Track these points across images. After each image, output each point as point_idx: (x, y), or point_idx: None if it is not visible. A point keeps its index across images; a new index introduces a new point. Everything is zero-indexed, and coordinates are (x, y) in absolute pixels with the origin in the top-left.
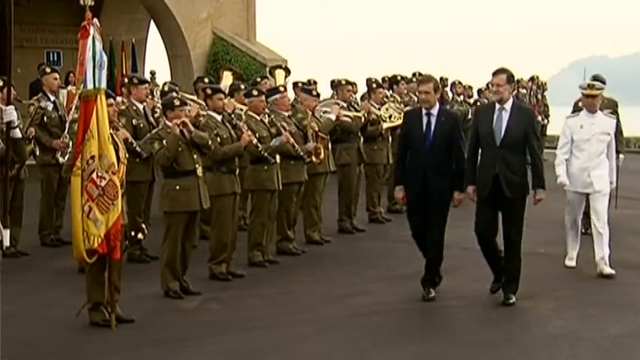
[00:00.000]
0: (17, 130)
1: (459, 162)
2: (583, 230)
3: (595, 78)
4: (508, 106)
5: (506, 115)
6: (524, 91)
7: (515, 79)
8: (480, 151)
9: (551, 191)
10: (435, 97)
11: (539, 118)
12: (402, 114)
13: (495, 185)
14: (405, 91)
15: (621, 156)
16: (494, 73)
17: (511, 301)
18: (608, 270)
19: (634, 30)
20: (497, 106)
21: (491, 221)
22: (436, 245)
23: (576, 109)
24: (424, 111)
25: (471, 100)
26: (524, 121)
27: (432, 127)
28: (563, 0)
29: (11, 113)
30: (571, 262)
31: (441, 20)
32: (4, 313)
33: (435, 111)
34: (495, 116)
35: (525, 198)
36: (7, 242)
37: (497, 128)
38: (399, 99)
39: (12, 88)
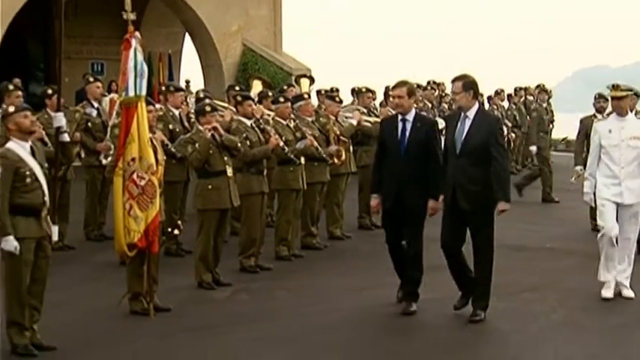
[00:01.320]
0: (65, 134)
1: (435, 169)
2: None
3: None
4: (471, 114)
5: (468, 124)
6: (531, 97)
7: (524, 86)
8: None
9: (564, 191)
10: (409, 101)
11: None
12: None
13: (455, 196)
14: (420, 98)
15: None
16: (454, 80)
17: (478, 318)
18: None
19: (633, 40)
20: (462, 114)
21: (454, 233)
22: (413, 260)
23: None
24: (399, 117)
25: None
26: (485, 129)
27: (407, 134)
28: (567, 12)
29: (60, 119)
30: (607, 293)
31: (453, 32)
32: (53, 302)
33: (410, 117)
34: (459, 125)
35: (489, 210)
36: (55, 237)
37: (459, 137)
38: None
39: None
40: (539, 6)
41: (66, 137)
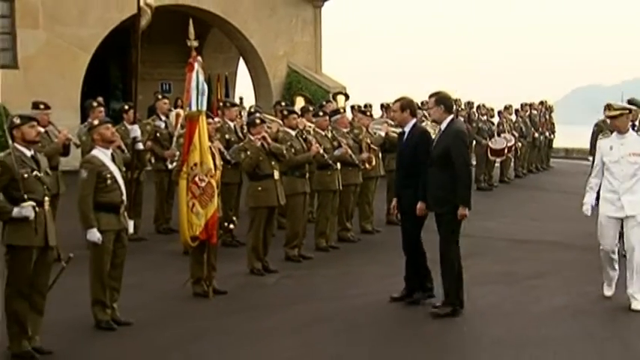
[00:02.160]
0: (139, 143)
1: (423, 175)
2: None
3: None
4: (443, 126)
5: (439, 135)
6: (535, 112)
7: (528, 102)
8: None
9: (562, 192)
10: (402, 115)
11: (547, 133)
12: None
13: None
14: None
15: None
16: (429, 96)
17: (434, 310)
18: (637, 305)
19: (622, 61)
20: (440, 126)
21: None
22: (407, 248)
23: (599, 130)
24: (402, 129)
25: (493, 119)
26: (448, 139)
27: (403, 144)
28: (568, 35)
29: (135, 130)
30: (608, 292)
31: (463, 54)
32: (128, 285)
33: (407, 128)
34: (436, 136)
35: (452, 212)
36: (131, 230)
37: (433, 147)
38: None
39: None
40: (542, 30)
41: (140, 146)
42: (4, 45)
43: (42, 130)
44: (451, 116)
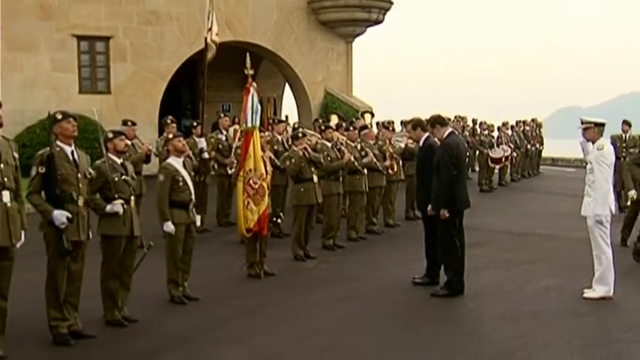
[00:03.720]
0: (205, 153)
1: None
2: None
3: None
4: (421, 142)
5: (419, 149)
6: (527, 127)
7: (523, 119)
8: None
9: (550, 194)
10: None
11: (537, 145)
12: None
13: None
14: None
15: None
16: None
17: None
18: (587, 294)
19: (600, 83)
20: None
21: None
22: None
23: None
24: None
25: (493, 133)
26: (438, 153)
27: (418, 155)
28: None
29: (202, 142)
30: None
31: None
32: (196, 267)
33: (421, 142)
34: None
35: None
36: (198, 223)
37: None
38: None
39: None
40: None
41: (205, 155)
42: (100, 75)
43: (129, 142)
44: (426, 134)
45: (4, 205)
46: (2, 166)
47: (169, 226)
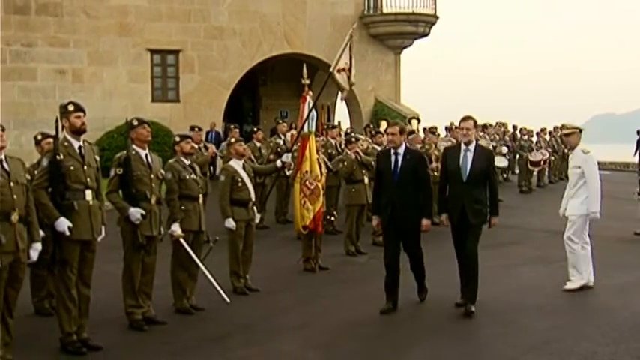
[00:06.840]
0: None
1: (426, 195)
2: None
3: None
4: (472, 147)
5: (470, 156)
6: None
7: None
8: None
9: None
10: (400, 138)
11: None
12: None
13: (462, 214)
14: (493, 132)
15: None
16: (464, 120)
17: (468, 309)
18: (569, 285)
19: (634, 91)
20: (464, 147)
21: (459, 242)
22: (418, 262)
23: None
24: (392, 151)
25: (532, 138)
26: (485, 160)
27: (399, 165)
28: (585, 63)
29: (287, 157)
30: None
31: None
32: (256, 261)
33: (401, 150)
34: (462, 156)
35: (484, 222)
36: (257, 220)
37: (464, 167)
38: (488, 138)
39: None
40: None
41: (279, 164)
42: (170, 85)
43: (196, 146)
44: (452, 140)
45: (87, 202)
46: (86, 168)
47: (230, 223)
